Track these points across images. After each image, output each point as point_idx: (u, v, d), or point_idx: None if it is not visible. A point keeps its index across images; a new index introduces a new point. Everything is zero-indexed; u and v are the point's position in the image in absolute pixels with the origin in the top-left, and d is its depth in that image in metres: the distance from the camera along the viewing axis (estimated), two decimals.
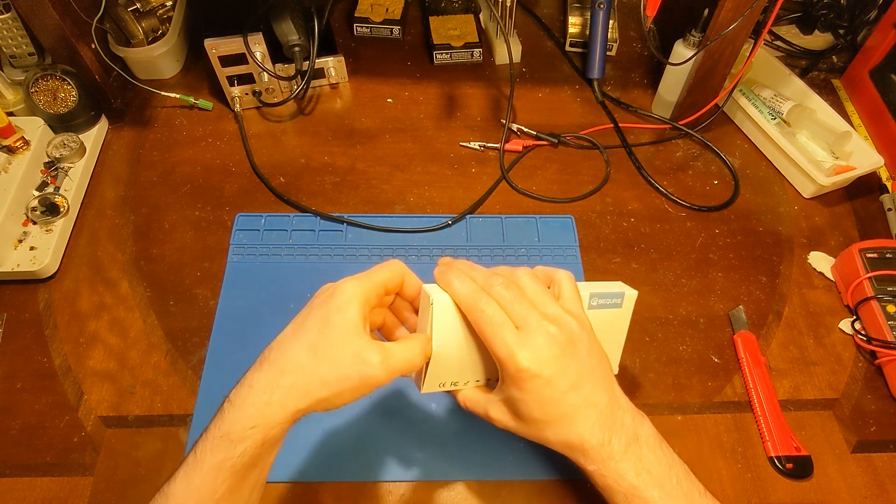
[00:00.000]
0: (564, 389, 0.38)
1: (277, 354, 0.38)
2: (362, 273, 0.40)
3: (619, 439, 0.39)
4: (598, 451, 0.39)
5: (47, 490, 0.51)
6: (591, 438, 0.39)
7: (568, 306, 0.41)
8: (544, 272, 0.44)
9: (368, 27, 0.84)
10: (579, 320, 0.40)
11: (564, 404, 0.38)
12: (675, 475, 0.39)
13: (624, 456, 0.39)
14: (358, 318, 0.37)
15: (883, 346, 0.56)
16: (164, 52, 0.77)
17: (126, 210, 0.68)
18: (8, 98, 0.71)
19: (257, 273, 0.63)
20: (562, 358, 0.38)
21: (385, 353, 0.37)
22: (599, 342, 0.42)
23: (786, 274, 0.64)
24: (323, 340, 0.37)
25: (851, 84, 0.80)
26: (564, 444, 0.40)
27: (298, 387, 0.36)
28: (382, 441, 0.53)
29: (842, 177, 0.67)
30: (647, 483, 0.38)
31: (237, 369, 0.56)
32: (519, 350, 0.37)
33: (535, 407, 0.39)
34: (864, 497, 0.51)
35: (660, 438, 0.41)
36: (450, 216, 0.67)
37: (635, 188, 0.71)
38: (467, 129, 0.76)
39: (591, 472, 0.40)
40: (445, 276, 0.41)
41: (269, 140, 0.74)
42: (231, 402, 0.37)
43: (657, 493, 0.38)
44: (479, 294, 0.39)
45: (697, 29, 0.66)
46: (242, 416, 0.36)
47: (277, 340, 0.39)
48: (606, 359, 0.42)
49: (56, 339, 0.59)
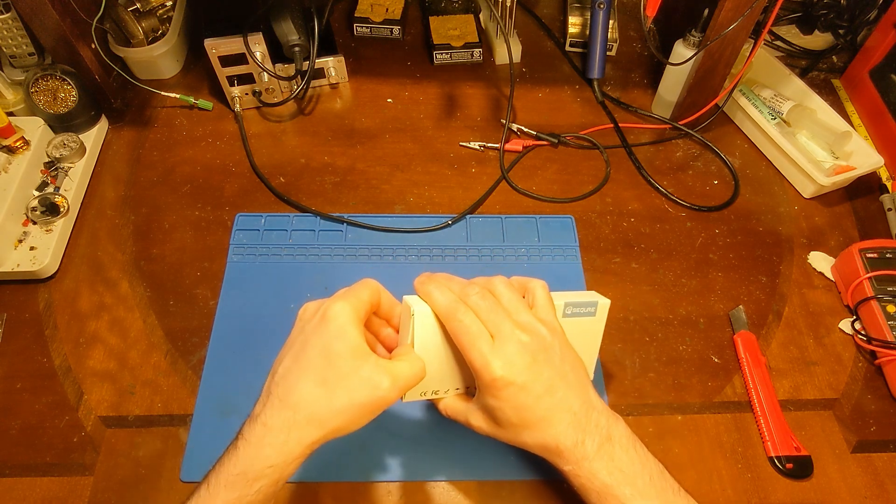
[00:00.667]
0: (538, 394, 0.39)
1: (286, 390, 0.38)
2: (346, 291, 0.41)
3: (593, 440, 0.40)
4: (573, 451, 0.40)
5: (47, 490, 0.51)
6: (565, 440, 0.40)
7: (540, 314, 0.42)
8: (519, 281, 0.45)
9: (368, 27, 0.84)
10: (551, 327, 0.42)
11: (539, 409, 0.40)
12: (648, 473, 0.40)
13: (597, 455, 0.40)
14: (359, 340, 0.38)
15: (883, 346, 0.56)
16: (164, 52, 0.77)
17: (126, 210, 0.68)
18: (8, 98, 0.71)
19: (257, 273, 0.63)
20: (534, 365, 0.39)
21: (394, 374, 0.38)
22: (573, 348, 0.43)
23: (786, 274, 0.64)
24: (332, 372, 0.37)
25: (851, 84, 0.80)
26: (541, 447, 0.41)
27: (314, 421, 0.37)
28: (382, 441, 0.53)
29: (842, 177, 0.67)
30: (619, 481, 0.39)
31: (237, 369, 0.56)
32: (493, 360, 0.39)
33: (511, 413, 0.40)
34: (864, 497, 0.51)
35: (634, 438, 0.42)
36: (450, 216, 0.67)
37: (635, 188, 0.71)
38: (467, 129, 0.76)
39: (567, 472, 0.41)
40: (425, 287, 0.42)
41: (269, 140, 0.74)
42: (246, 440, 0.37)
43: (629, 491, 0.39)
44: (457, 304, 0.40)
45: (697, 29, 0.66)
46: (260, 455, 0.36)
47: (280, 374, 0.39)
48: (580, 363, 0.43)
49: (56, 339, 0.59)
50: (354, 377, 0.37)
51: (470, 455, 0.52)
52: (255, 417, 0.38)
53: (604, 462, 0.40)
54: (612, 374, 0.57)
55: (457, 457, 0.52)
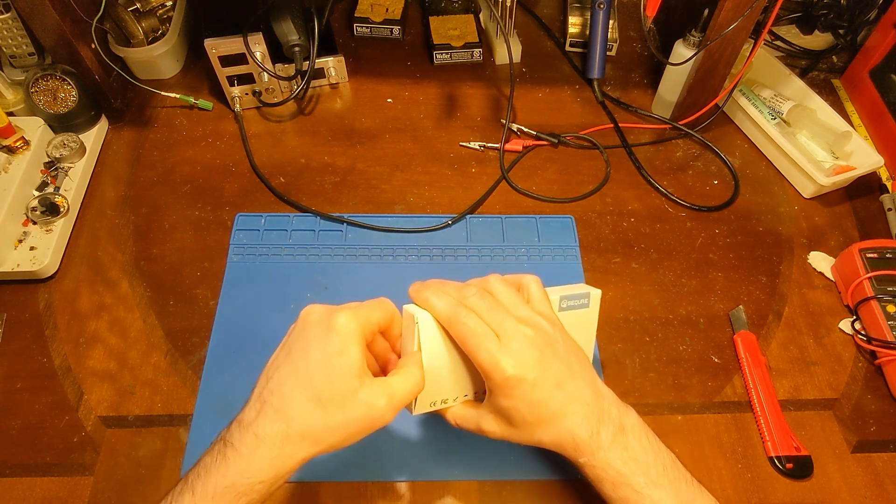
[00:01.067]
0: (550, 389, 0.39)
1: (280, 399, 0.37)
2: (356, 306, 0.40)
3: (607, 430, 0.40)
4: (588, 443, 0.40)
5: (47, 490, 0.51)
6: (580, 432, 0.40)
7: (538, 308, 0.42)
8: (513, 278, 0.45)
9: (368, 27, 0.84)
10: (550, 320, 0.41)
11: (553, 403, 0.39)
12: (662, 463, 0.40)
13: (611, 445, 0.40)
14: (360, 360, 0.38)
15: (883, 346, 0.56)
16: (164, 52, 0.77)
17: (126, 210, 0.68)
18: (8, 98, 0.71)
19: (257, 273, 0.63)
20: (542, 359, 0.39)
21: (390, 393, 0.38)
22: (574, 339, 0.43)
23: (786, 274, 0.64)
24: (328, 389, 0.37)
25: (851, 84, 0.80)
26: (557, 443, 0.41)
27: (308, 437, 0.36)
28: (382, 441, 0.53)
29: (842, 177, 0.67)
30: (633, 470, 0.39)
31: (237, 369, 0.56)
32: (502, 358, 0.38)
33: (525, 411, 0.39)
34: (864, 497, 0.51)
35: (645, 428, 0.42)
36: (450, 216, 0.67)
37: (635, 188, 0.71)
38: (467, 129, 0.76)
39: (582, 464, 0.41)
40: (422, 295, 0.41)
41: (269, 140, 0.74)
42: (237, 450, 0.36)
43: (643, 480, 0.39)
44: (457, 307, 0.40)
45: (697, 29, 0.66)
46: (251, 468, 0.36)
47: (276, 382, 0.38)
48: (584, 354, 0.43)
49: (56, 339, 0.59)
50: (351, 397, 0.37)
51: (470, 455, 0.52)
52: (248, 426, 0.37)
53: (618, 451, 0.40)
54: (612, 374, 0.57)
55: (457, 457, 0.52)
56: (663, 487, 0.39)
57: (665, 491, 0.39)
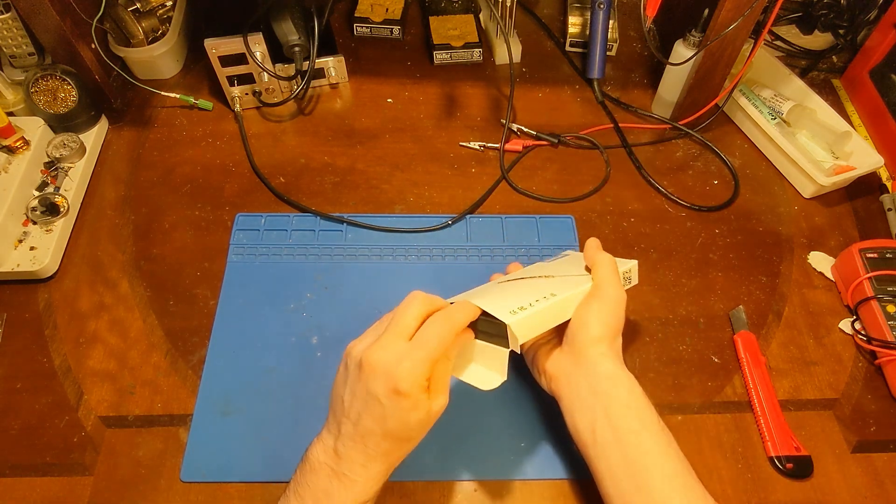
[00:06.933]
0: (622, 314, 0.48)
1: (375, 447, 0.40)
2: (420, 346, 0.39)
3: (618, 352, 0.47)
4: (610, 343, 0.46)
5: (47, 490, 0.51)
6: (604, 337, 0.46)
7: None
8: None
9: (368, 27, 0.84)
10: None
11: (620, 321, 0.48)
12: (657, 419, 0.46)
13: (616, 356, 0.47)
14: (427, 398, 0.40)
15: (883, 346, 0.56)
16: (164, 52, 0.77)
17: (126, 210, 0.68)
18: (8, 98, 0.71)
19: (257, 273, 0.63)
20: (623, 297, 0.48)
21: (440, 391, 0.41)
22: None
23: (786, 274, 0.64)
24: (413, 432, 0.41)
25: (851, 84, 0.80)
26: (594, 339, 0.46)
27: (391, 467, 0.42)
28: None
29: (842, 177, 0.67)
30: (623, 371, 0.46)
31: (237, 369, 0.56)
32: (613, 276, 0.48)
33: (609, 315, 0.46)
34: (864, 497, 0.51)
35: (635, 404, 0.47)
36: (450, 216, 0.67)
37: (635, 188, 0.71)
38: (467, 129, 0.76)
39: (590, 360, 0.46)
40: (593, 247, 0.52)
41: (268, 140, 0.74)
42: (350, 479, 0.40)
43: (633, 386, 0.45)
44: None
45: (697, 29, 0.66)
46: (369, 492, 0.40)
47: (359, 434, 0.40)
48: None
49: (56, 339, 0.59)
50: (429, 423, 0.41)
51: (471, 455, 0.52)
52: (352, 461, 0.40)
53: (618, 362, 0.46)
54: None
55: (458, 457, 0.52)
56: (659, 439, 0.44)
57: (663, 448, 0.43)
